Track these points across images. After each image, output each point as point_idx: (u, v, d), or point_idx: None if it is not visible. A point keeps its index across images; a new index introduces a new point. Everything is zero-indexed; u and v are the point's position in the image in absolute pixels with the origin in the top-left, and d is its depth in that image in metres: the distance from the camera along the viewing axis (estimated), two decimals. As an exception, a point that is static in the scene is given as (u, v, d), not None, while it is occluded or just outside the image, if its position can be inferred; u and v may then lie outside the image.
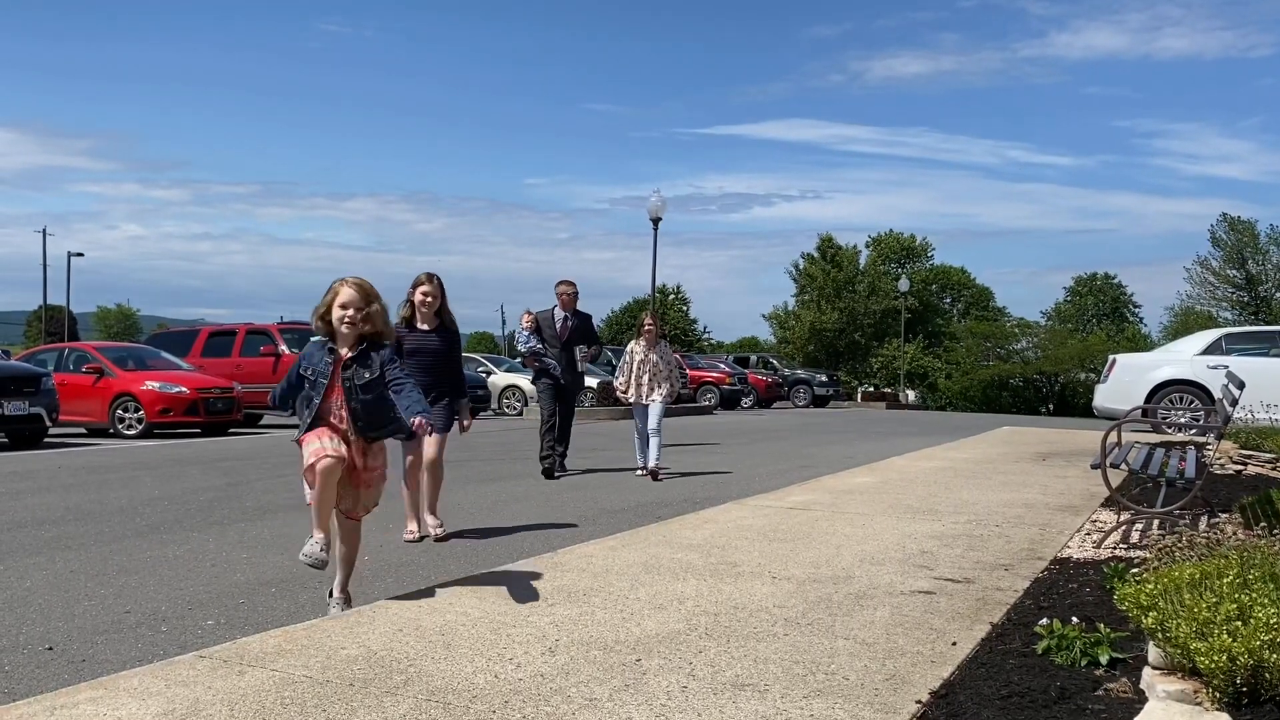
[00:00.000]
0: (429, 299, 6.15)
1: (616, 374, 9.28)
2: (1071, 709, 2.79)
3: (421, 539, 6.04)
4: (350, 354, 4.15)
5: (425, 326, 6.19)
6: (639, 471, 9.30)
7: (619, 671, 3.16)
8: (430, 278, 6.18)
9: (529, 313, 10.00)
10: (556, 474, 9.27)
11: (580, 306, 10.11)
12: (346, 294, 4.12)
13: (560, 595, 4.16)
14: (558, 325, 9.75)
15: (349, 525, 4.27)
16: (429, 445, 6.09)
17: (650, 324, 9.50)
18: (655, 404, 9.23)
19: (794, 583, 4.43)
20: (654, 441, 9.14)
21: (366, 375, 4.12)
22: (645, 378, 9.30)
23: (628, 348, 9.56)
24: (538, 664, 3.23)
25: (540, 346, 9.69)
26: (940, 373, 51.08)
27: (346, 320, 4.12)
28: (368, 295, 4.16)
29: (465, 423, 6.34)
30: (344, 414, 4.11)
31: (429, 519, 6.18)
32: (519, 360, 10.08)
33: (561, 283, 9.95)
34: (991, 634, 3.60)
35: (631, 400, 9.42)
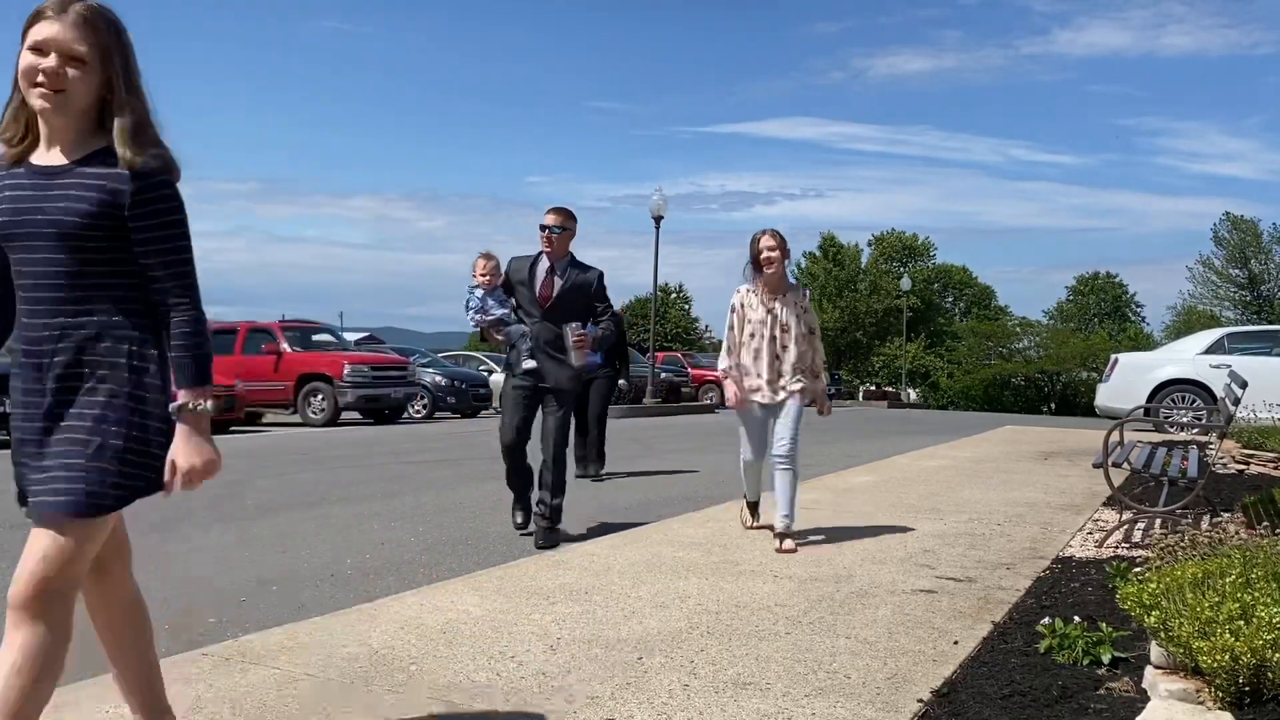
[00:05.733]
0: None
1: (723, 353, 5.43)
2: (1073, 708, 2.79)
3: None
4: None
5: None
6: (754, 524, 5.68)
7: (621, 669, 3.16)
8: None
9: (487, 257, 6.07)
10: (541, 543, 5.59)
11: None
12: None
13: (562, 593, 4.16)
14: (538, 282, 5.78)
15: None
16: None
17: (773, 246, 5.15)
18: (790, 406, 5.22)
19: (795, 581, 4.43)
20: (783, 481, 5.18)
21: None
22: (768, 355, 5.17)
23: (734, 300, 5.31)
24: (539, 662, 3.23)
25: (506, 312, 5.96)
26: (942, 372, 51.08)
27: None
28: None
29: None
30: None
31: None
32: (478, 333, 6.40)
33: (550, 212, 5.85)
34: (993, 633, 3.60)
35: (738, 400, 5.31)
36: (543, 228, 5.84)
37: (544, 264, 5.86)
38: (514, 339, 5.84)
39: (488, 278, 5.99)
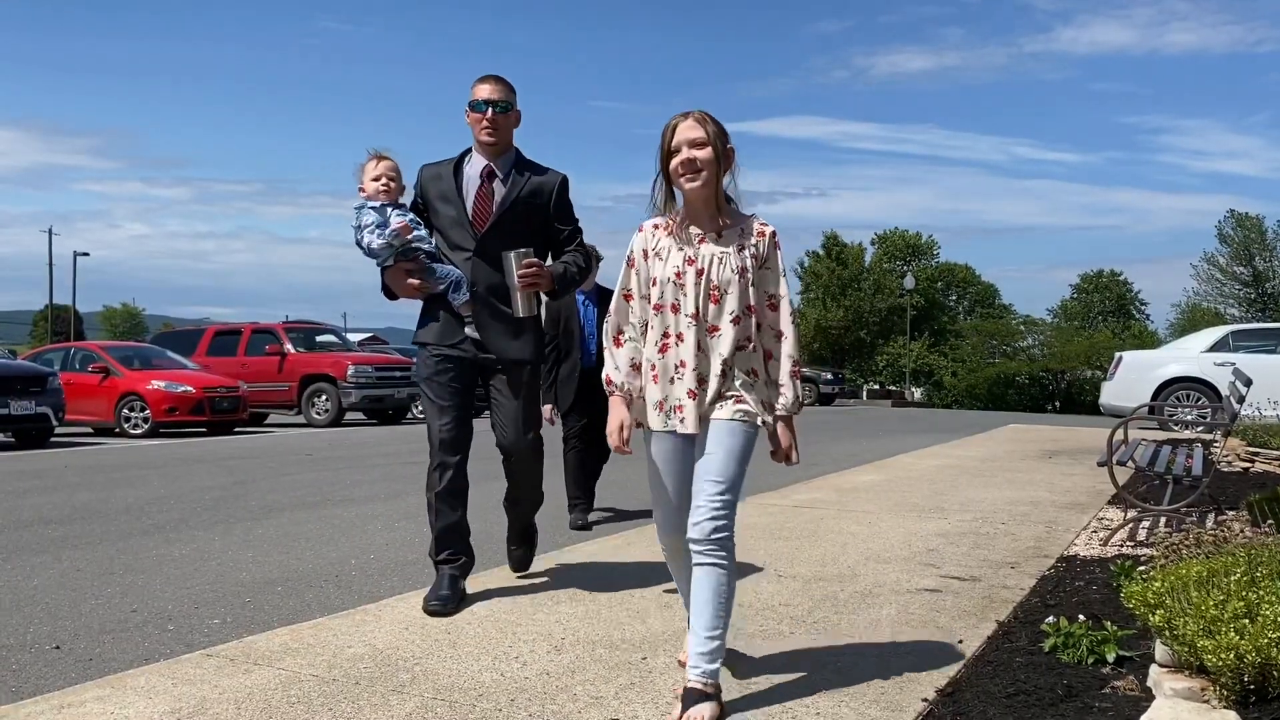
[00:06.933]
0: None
1: (608, 343, 2.86)
2: (1078, 707, 2.78)
3: None
4: None
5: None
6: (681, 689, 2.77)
7: (625, 669, 3.16)
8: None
9: (380, 157, 3.91)
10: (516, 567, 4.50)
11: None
12: None
13: (566, 593, 4.16)
14: (469, 194, 3.83)
15: None
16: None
17: (701, 141, 2.69)
18: (721, 437, 2.68)
19: (800, 581, 4.43)
20: (705, 585, 2.70)
21: None
22: (688, 342, 2.69)
23: (633, 245, 2.83)
24: (544, 662, 3.23)
25: (423, 234, 3.85)
26: (946, 370, 50.99)
27: None
28: None
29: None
30: None
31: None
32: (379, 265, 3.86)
33: (483, 81, 3.82)
34: (998, 632, 3.60)
35: (623, 434, 2.83)
36: (476, 105, 3.76)
37: (476, 165, 3.83)
38: (443, 285, 3.81)
39: (386, 185, 3.86)
